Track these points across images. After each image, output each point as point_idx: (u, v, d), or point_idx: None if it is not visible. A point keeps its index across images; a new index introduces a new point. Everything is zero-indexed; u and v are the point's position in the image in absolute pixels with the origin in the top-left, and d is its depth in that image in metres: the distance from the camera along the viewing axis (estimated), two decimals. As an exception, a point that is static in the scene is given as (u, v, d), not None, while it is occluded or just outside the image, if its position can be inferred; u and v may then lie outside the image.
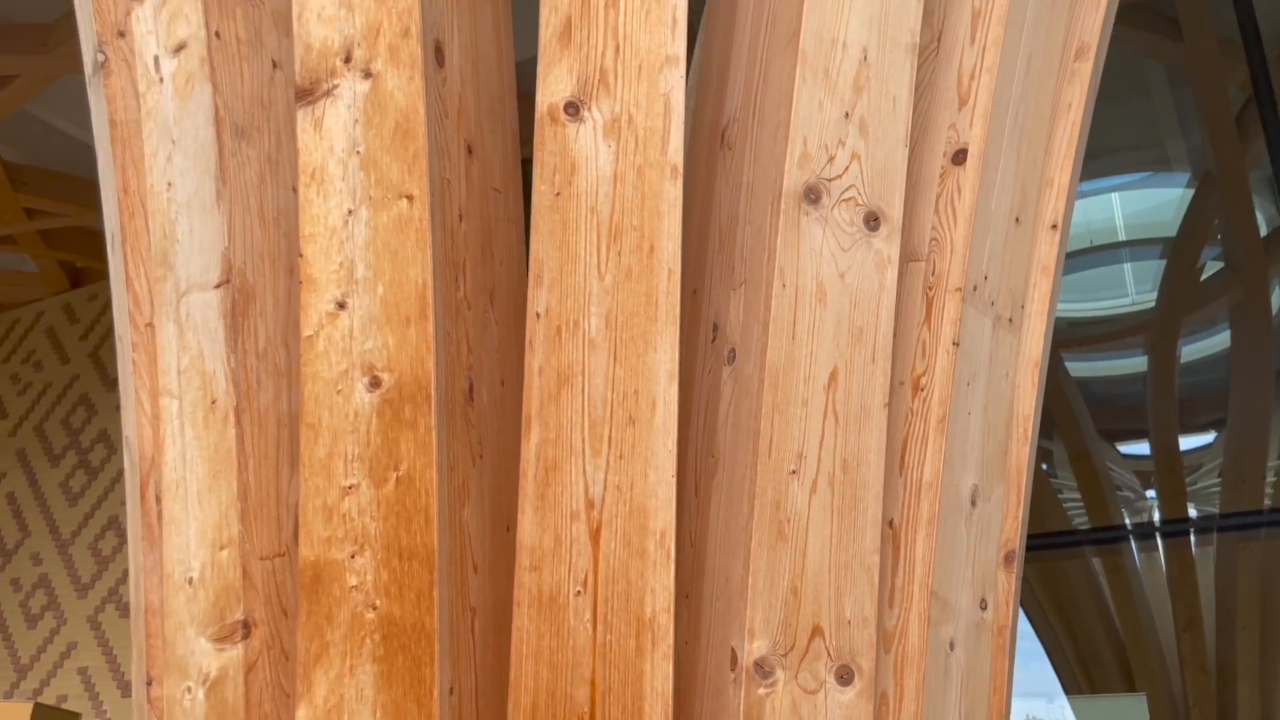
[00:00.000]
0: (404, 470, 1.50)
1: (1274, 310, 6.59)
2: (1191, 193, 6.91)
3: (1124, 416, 7.32)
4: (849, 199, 1.62)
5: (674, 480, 1.48)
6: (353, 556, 1.50)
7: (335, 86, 1.63)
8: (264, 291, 1.71)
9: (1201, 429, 7.11)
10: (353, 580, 1.49)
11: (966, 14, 1.83)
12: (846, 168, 1.62)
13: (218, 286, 1.69)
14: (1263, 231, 6.57)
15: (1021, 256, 1.85)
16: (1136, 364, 7.24)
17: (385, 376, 1.54)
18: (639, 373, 1.51)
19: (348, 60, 1.63)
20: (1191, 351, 7.11)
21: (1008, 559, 1.79)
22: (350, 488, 1.52)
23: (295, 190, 1.81)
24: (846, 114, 1.63)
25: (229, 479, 1.62)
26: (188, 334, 1.71)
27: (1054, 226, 1.97)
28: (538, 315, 1.54)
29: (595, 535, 1.47)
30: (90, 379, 8.19)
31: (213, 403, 1.66)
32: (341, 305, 1.57)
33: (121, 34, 2.04)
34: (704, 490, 1.62)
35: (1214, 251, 6.95)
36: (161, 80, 1.80)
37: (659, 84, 1.57)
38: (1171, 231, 7.04)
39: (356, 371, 1.54)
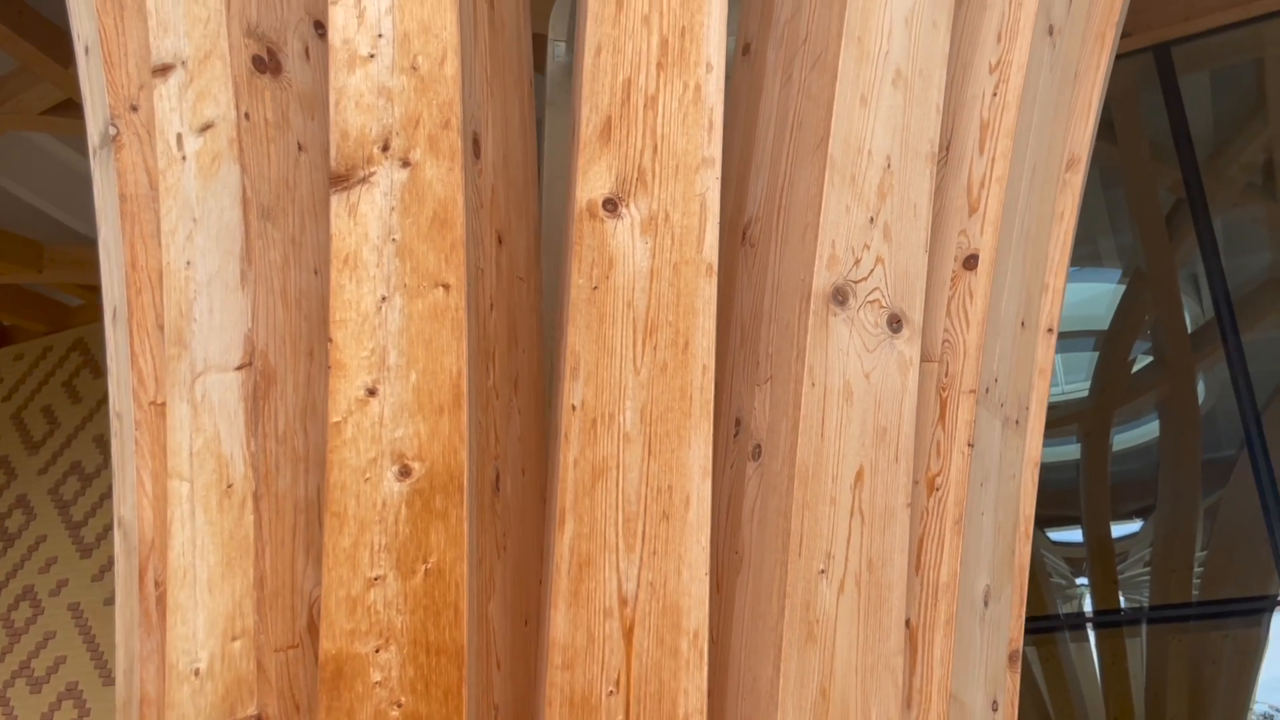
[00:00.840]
0: (434, 562, 1.49)
1: (1200, 403, 6.81)
2: (1124, 288, 7.15)
3: (1056, 503, 7.47)
4: (873, 300, 1.66)
5: (707, 578, 1.49)
6: (377, 651, 1.47)
7: (371, 174, 1.63)
8: (284, 374, 1.69)
9: (1130, 517, 7.28)
10: (376, 676, 1.47)
11: (975, 125, 1.90)
12: (871, 270, 1.67)
13: (239, 368, 1.67)
14: (1190, 328, 6.82)
15: (1026, 359, 1.90)
16: (1069, 452, 7.41)
17: (416, 465, 1.52)
18: (673, 468, 1.52)
19: (385, 148, 1.63)
20: (1121, 441, 7.30)
21: (1012, 658, 1.82)
22: (376, 579, 1.50)
23: (317, 273, 1.80)
24: (871, 219, 1.68)
25: (244, 566, 1.59)
26: (203, 415, 1.68)
27: (1050, 330, 2.04)
28: (573, 408, 1.54)
29: (628, 633, 1.47)
30: (10, 442, 7.94)
31: (228, 487, 1.63)
32: (372, 392, 1.56)
33: (134, 108, 2.02)
34: (727, 587, 1.62)
35: (1145, 345, 7.19)
36: (184, 158, 1.79)
37: (695, 184, 1.60)
38: (1104, 325, 7.26)
39: (386, 460, 1.53)
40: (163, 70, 1.85)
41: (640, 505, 1.51)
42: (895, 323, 1.66)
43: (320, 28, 1.93)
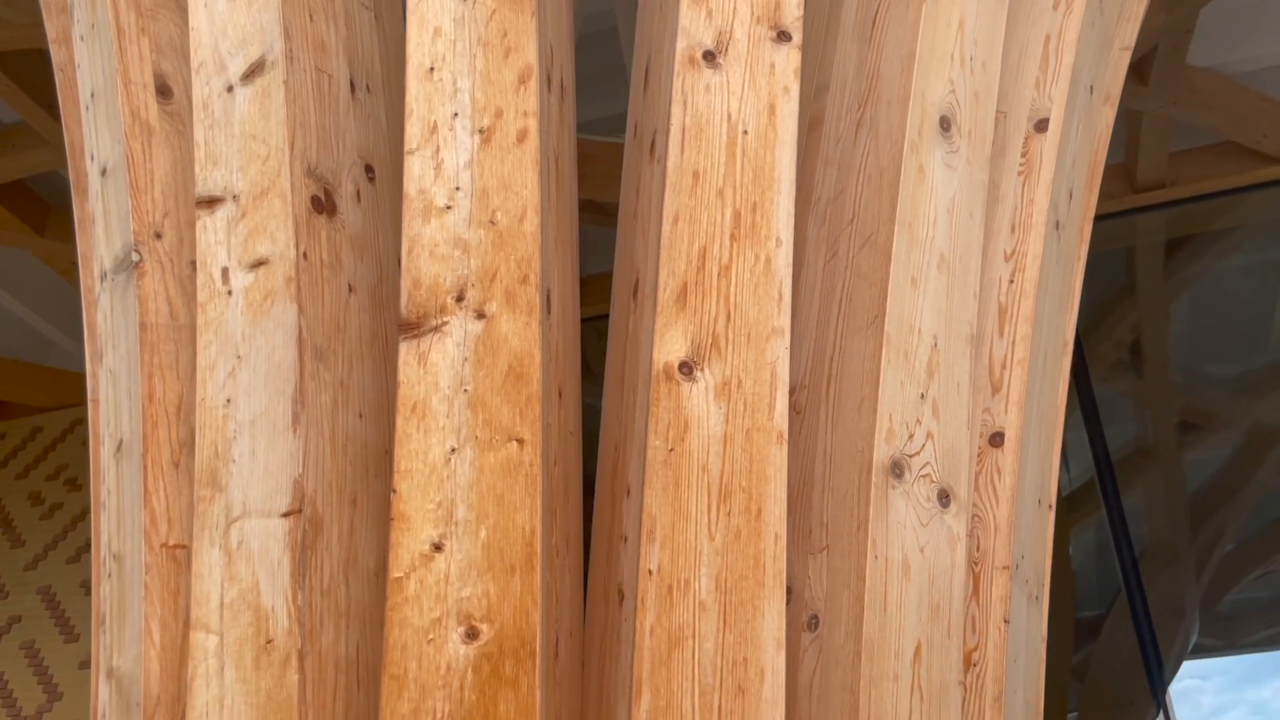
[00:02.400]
0: (502, 731, 1.41)
1: (1074, 568, 7.06)
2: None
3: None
4: (925, 475, 1.69)
5: (781, 754, 1.45)
6: (438, 825, 1.38)
7: (444, 324, 1.60)
8: (330, 523, 1.61)
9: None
10: None
11: (993, 309, 1.98)
12: (923, 446, 1.70)
13: (285, 515, 1.58)
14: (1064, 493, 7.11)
15: (1042, 536, 1.95)
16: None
17: (484, 628, 1.46)
18: (748, 639, 1.49)
19: (460, 299, 1.61)
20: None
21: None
22: (438, 747, 1.41)
23: (361, 416, 1.74)
24: (922, 395, 1.72)
25: (284, 729, 1.47)
26: (239, 563, 1.58)
27: (1050, 506, 2.10)
28: (650, 572, 1.50)
29: (705, 810, 1.41)
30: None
31: (267, 642, 1.52)
32: (438, 547, 1.49)
33: (158, 235, 1.95)
34: (784, 760, 1.58)
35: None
36: (230, 292, 1.73)
37: (766, 352, 1.62)
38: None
39: (451, 620, 1.46)
40: (209, 202, 1.79)
41: (716, 678, 1.47)
42: (944, 498, 1.69)
43: (370, 171, 1.91)
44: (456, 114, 1.69)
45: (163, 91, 2.06)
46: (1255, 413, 6.61)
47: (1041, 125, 2.12)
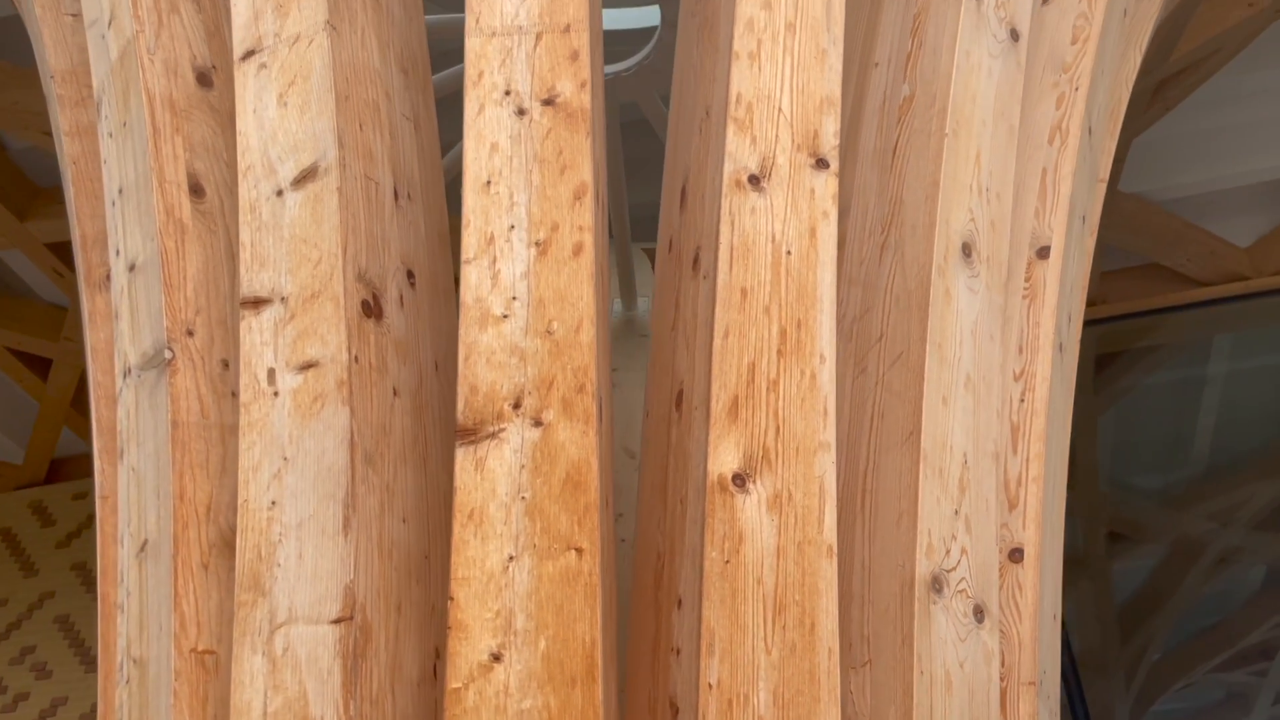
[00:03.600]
0: None
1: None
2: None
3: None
4: (961, 590, 1.72)
5: None
6: None
7: (501, 430, 1.60)
8: (378, 630, 1.58)
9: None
10: None
11: (1007, 427, 2.04)
12: (959, 561, 1.73)
13: (336, 621, 1.55)
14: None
15: (1056, 649, 1.99)
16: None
17: (545, 740, 1.43)
18: (805, 753, 1.49)
19: (517, 406, 1.62)
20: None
21: None
22: None
23: (405, 521, 1.72)
24: (956, 511, 1.76)
25: (334, 845, 1.42)
26: (284, 671, 1.54)
27: (1055, 617, 2.14)
28: (710, 686, 1.50)
29: None
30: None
31: (315, 753, 1.48)
32: (497, 658, 1.47)
33: (190, 333, 1.93)
34: None
35: None
36: (276, 394, 1.71)
37: (814, 466, 1.65)
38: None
39: (511, 732, 1.44)
40: (255, 303, 1.78)
41: (776, 793, 1.46)
42: (979, 613, 1.72)
43: (411, 276, 1.92)
44: (513, 226, 1.72)
45: (195, 191, 2.06)
46: (1180, 525, 6.79)
47: (1043, 252, 2.22)
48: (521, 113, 1.79)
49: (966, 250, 1.95)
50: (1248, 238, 6.17)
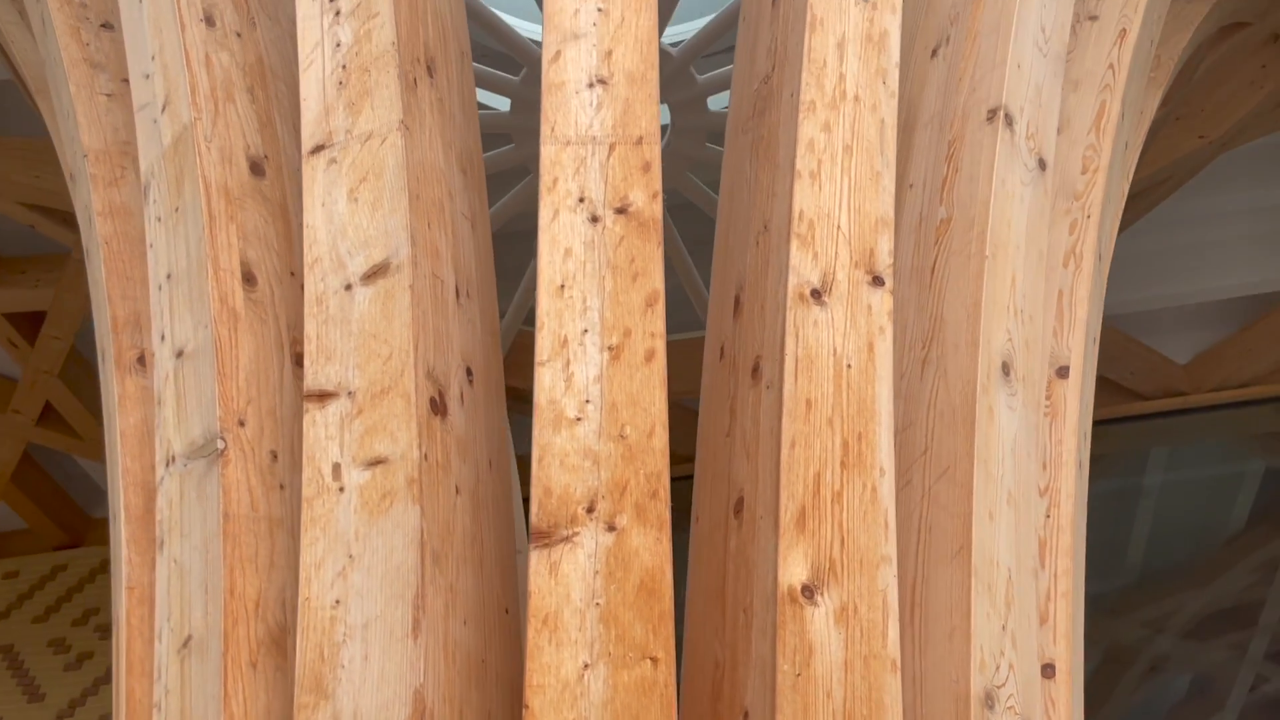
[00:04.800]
0: None
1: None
2: None
3: None
4: (1010, 707, 1.72)
5: None
6: None
7: (575, 534, 1.58)
8: (444, 735, 1.53)
9: None
10: None
11: (1034, 543, 2.06)
12: (1007, 678, 1.73)
13: (405, 726, 1.50)
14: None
15: (1085, 764, 1.99)
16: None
17: None
18: None
19: (590, 510, 1.60)
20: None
21: None
22: None
23: (466, 623, 1.68)
24: (1003, 626, 1.76)
25: None
26: (348, 775, 1.48)
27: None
28: (786, 802, 1.47)
29: None
30: None
31: None
32: (574, 767, 1.44)
33: (242, 423, 1.89)
34: None
35: None
36: (341, 489, 1.67)
37: (877, 579, 1.65)
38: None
39: (589, 845, 1.39)
40: (320, 397, 1.76)
41: None
42: (1028, 729, 1.72)
43: (470, 374, 1.90)
44: (586, 330, 1.72)
45: (248, 279, 2.04)
46: (1113, 632, 6.86)
47: (1063, 372, 2.27)
48: (595, 220, 1.81)
49: (1005, 369, 1.99)
50: (1186, 354, 6.37)
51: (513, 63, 3.52)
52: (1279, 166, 6.31)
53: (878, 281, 1.88)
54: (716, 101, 3.57)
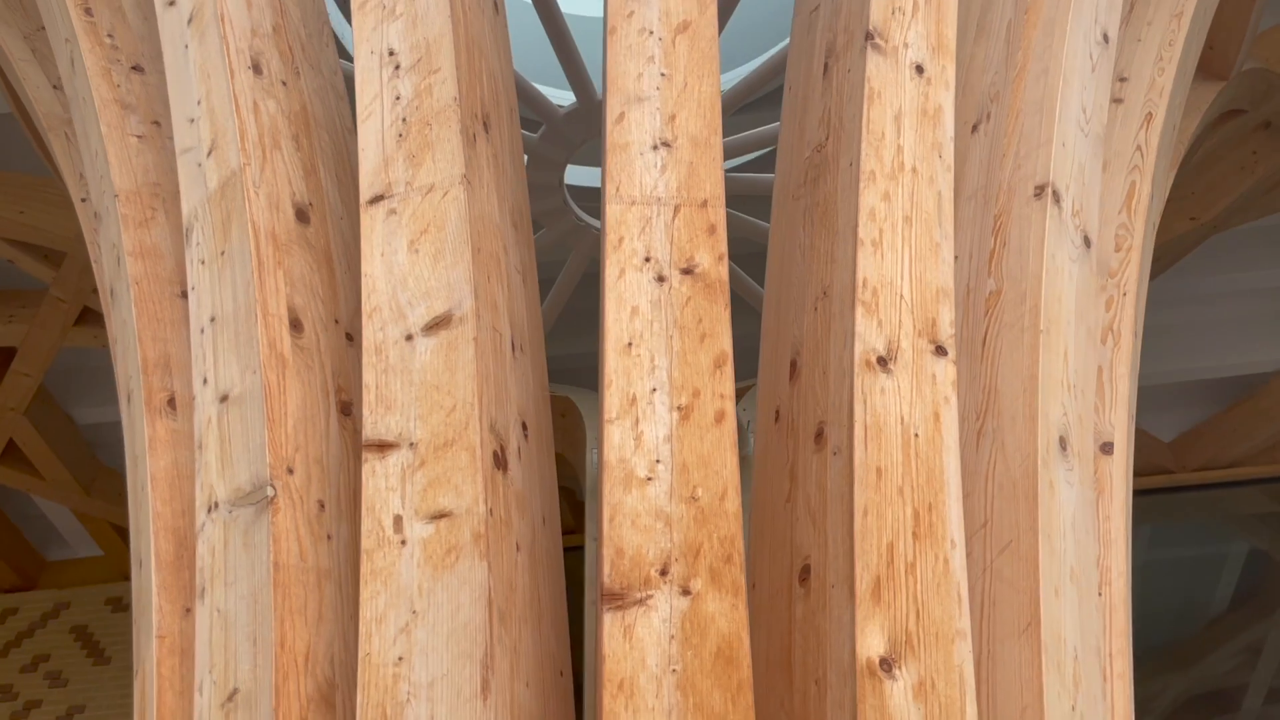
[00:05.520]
0: None
1: None
2: None
3: None
4: (1079, 789, 1.69)
5: None
6: None
7: (649, 597, 1.55)
8: (510, 804, 1.48)
9: None
10: None
11: (1095, 622, 2.04)
12: (1076, 759, 1.71)
13: (472, 793, 1.45)
14: None
15: None
16: None
17: None
18: None
19: (664, 573, 1.57)
20: None
21: None
22: None
23: (528, 685, 1.64)
24: (1073, 707, 1.75)
25: None
26: (411, 845, 1.43)
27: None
28: None
29: None
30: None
31: None
32: (651, 842, 1.39)
33: (290, 470, 1.85)
34: None
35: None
36: (404, 542, 1.63)
37: (953, 654, 1.63)
38: None
39: None
40: (379, 447, 1.72)
41: None
42: (1095, 811, 1.69)
43: (525, 429, 1.88)
44: (655, 389, 1.71)
45: (295, 326, 2.01)
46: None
47: (1107, 448, 2.28)
48: (661, 279, 1.80)
49: (1063, 444, 1.99)
50: (1172, 433, 6.43)
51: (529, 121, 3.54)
52: (1267, 251, 6.45)
53: (940, 351, 1.88)
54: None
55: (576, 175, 3.82)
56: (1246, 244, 6.20)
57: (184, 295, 2.38)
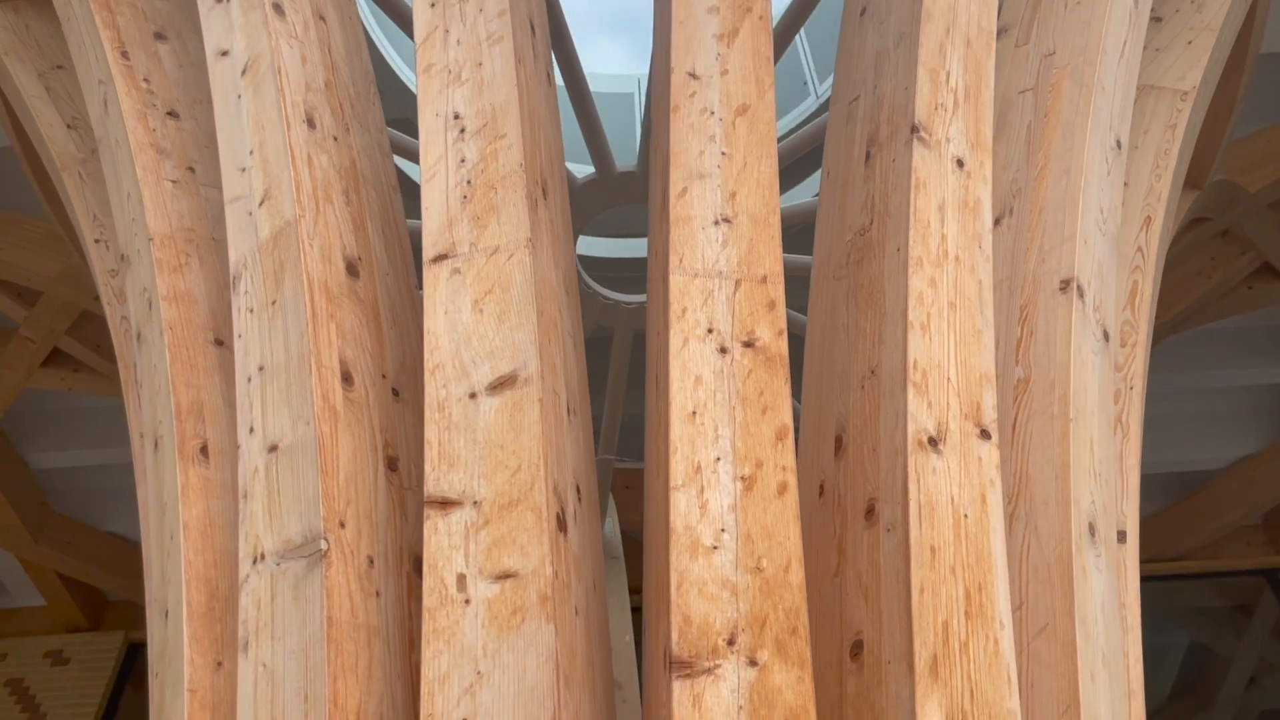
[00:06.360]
0: None
1: None
2: None
3: None
4: None
5: None
6: None
7: (717, 666, 1.55)
8: None
9: None
10: None
11: (1125, 705, 2.07)
12: (1113, 841, 1.73)
13: None
14: None
15: None
16: None
17: None
18: None
19: (731, 643, 1.57)
20: None
21: None
22: None
23: (587, 752, 1.62)
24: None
25: None
26: None
27: None
28: None
29: None
30: None
31: None
32: None
33: (343, 524, 1.83)
34: None
35: None
36: (467, 601, 1.62)
37: (1005, 733, 1.64)
38: None
39: None
40: (443, 504, 1.72)
41: None
42: None
43: (579, 492, 1.88)
44: (719, 458, 1.73)
45: (346, 378, 2.00)
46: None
47: (1122, 536, 2.34)
48: (723, 351, 1.83)
49: (1092, 530, 2.04)
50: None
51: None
52: (1220, 353, 6.66)
53: (985, 435, 1.92)
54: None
55: (582, 245, 3.87)
56: (1201, 346, 6.40)
57: (217, 343, 2.37)
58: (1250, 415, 7.05)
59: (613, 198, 3.42)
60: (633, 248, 4.40)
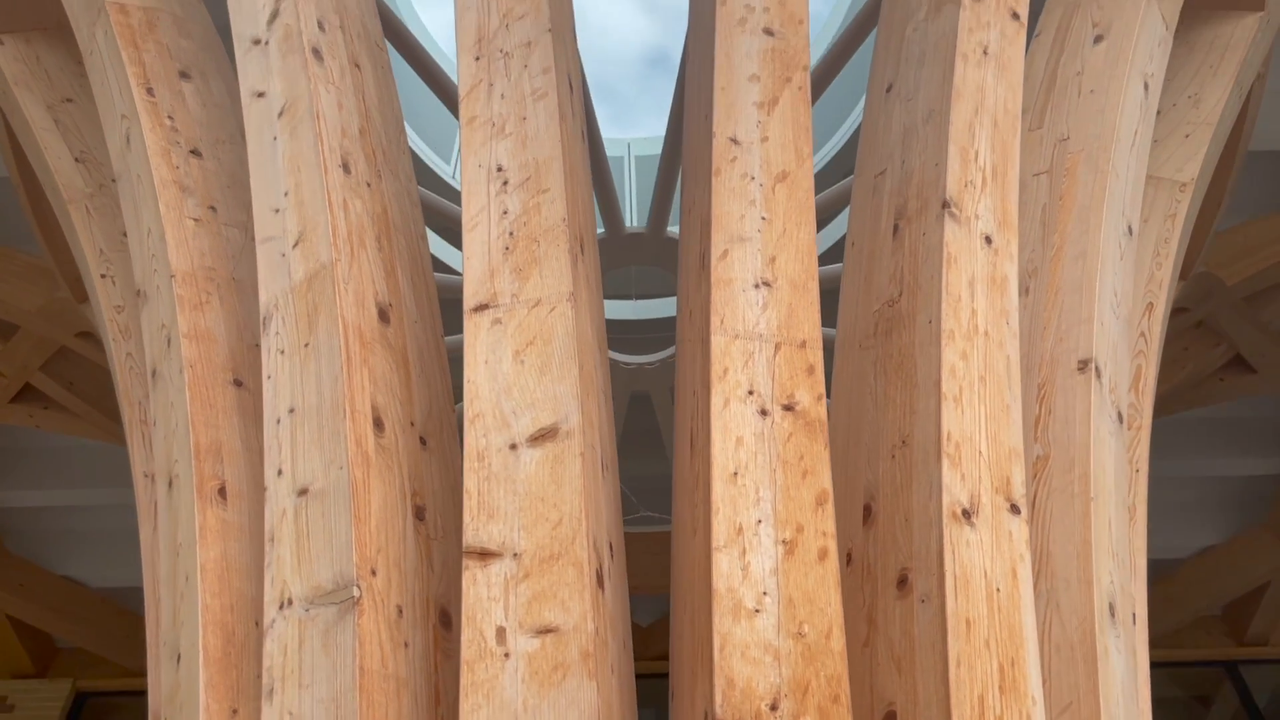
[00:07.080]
0: None
1: None
2: None
3: None
4: None
5: None
6: None
7: (761, 732, 1.53)
8: None
9: None
10: None
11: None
12: None
13: None
14: None
15: None
16: None
17: None
18: None
19: (774, 708, 1.55)
20: None
21: None
22: None
23: (621, 816, 1.59)
24: None
25: None
26: None
27: None
28: None
29: None
30: None
31: None
32: None
33: (374, 571, 1.80)
34: None
35: None
36: (507, 655, 1.59)
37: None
38: None
39: None
40: (481, 555, 1.69)
41: None
42: None
43: (612, 549, 1.87)
44: (760, 520, 1.72)
45: (378, 425, 1.98)
46: None
47: (1133, 618, 2.35)
48: (764, 413, 1.83)
49: (1112, 610, 2.05)
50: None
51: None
52: (1188, 443, 6.76)
53: (1015, 509, 1.94)
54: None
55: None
56: (1175, 435, 6.49)
57: (236, 383, 2.34)
58: (1217, 506, 7.13)
59: (622, 258, 3.44)
60: (625, 309, 4.42)
